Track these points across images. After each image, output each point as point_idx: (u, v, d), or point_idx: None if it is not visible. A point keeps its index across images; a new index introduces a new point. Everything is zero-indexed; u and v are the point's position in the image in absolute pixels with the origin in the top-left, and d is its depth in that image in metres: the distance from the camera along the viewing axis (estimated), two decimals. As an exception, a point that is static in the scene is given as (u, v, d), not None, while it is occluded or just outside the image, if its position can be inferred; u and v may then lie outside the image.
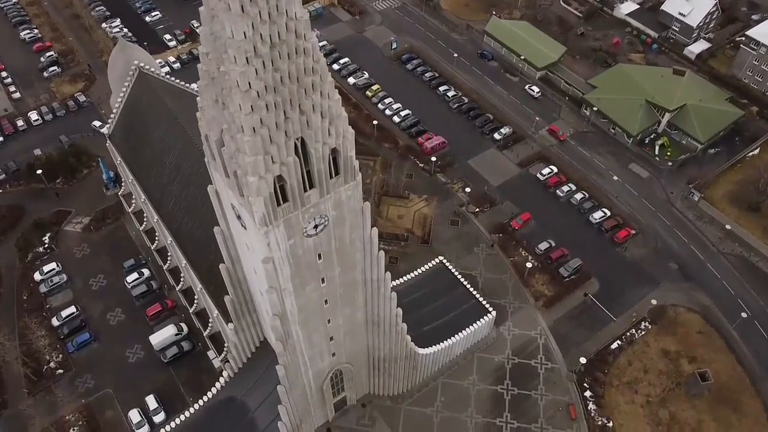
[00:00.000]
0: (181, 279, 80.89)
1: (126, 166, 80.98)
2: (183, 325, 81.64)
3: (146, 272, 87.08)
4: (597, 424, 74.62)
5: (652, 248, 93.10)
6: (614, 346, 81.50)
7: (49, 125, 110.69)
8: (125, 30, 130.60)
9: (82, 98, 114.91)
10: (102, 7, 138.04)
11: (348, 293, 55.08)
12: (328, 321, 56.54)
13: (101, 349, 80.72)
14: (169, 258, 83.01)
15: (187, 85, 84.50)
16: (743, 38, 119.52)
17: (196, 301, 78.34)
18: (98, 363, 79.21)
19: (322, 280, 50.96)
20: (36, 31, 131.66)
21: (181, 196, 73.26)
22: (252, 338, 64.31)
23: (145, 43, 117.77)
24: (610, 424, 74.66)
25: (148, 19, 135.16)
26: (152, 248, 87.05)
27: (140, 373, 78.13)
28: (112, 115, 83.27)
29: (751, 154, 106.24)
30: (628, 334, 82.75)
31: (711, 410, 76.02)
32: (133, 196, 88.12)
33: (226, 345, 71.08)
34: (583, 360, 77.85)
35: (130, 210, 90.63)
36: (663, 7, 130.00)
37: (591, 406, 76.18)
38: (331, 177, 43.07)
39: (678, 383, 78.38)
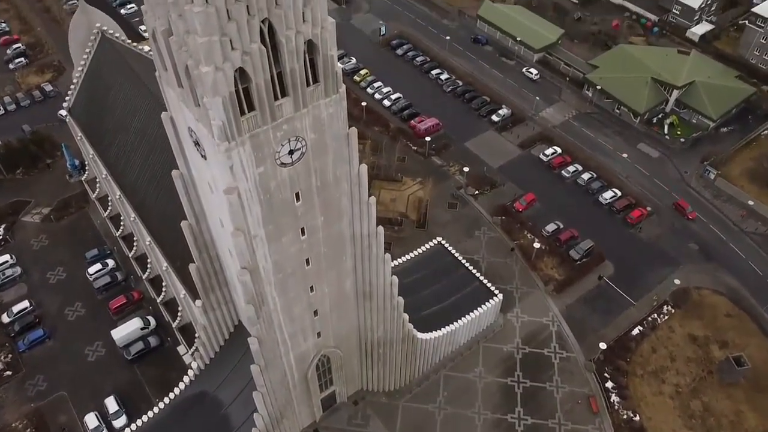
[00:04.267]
0: (148, 265, 71.95)
1: (87, 140, 72.66)
2: (150, 318, 72.40)
3: (110, 263, 77.98)
4: (622, 417, 65.61)
5: (668, 228, 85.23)
6: (635, 332, 73.00)
7: (12, 115, 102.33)
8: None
9: (48, 88, 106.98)
10: (74, 0, 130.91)
11: (334, 252, 46.47)
12: (311, 289, 47.77)
13: (56, 347, 71.13)
14: (135, 243, 74.15)
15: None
16: (749, 16, 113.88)
17: (164, 289, 69.31)
18: (52, 363, 69.57)
19: (302, 230, 42.41)
20: (4, 24, 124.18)
21: (145, 164, 64.87)
22: (224, 320, 55.26)
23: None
24: (637, 418, 65.66)
25: (123, 11, 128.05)
26: (117, 236, 78.31)
27: (100, 372, 68.61)
28: (72, 86, 75.19)
29: (766, 132, 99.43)
30: (649, 318, 74.33)
31: (749, 399, 67.24)
32: (97, 179, 79.69)
33: (197, 335, 61.81)
34: (603, 345, 69.04)
35: (94, 196, 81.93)
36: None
37: (614, 398, 67.21)
38: (308, 85, 34.95)
39: (710, 371, 69.76)
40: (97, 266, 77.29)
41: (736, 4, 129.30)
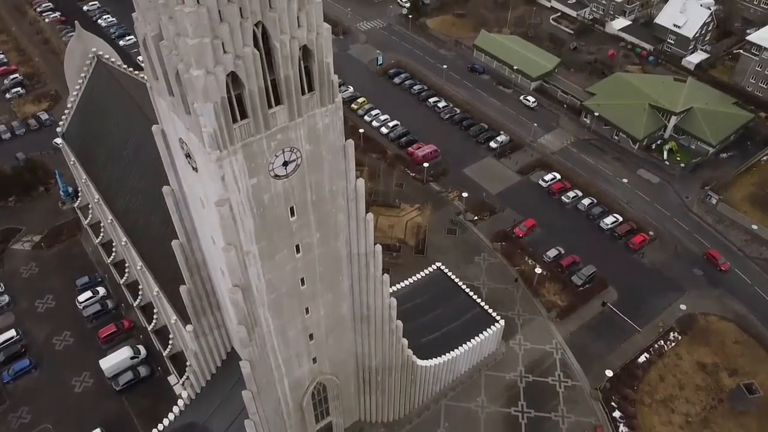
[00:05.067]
0: (140, 292, 69.90)
1: (80, 164, 71.52)
2: (140, 347, 70.01)
3: (101, 291, 75.91)
4: (631, 448, 62.92)
5: (672, 254, 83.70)
6: (642, 359, 70.70)
7: (7, 143, 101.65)
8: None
9: (44, 116, 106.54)
10: (74, 33, 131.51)
11: (330, 272, 44.75)
12: (306, 310, 45.86)
13: (42, 377, 68.54)
14: (126, 270, 72.31)
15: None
16: (744, 44, 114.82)
17: (155, 317, 67.21)
18: (38, 394, 66.87)
19: (297, 248, 40.79)
20: (2, 56, 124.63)
21: (137, 188, 63.55)
22: (216, 346, 53.09)
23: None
24: (647, 449, 62.97)
25: (122, 43, 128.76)
26: (109, 262, 76.44)
27: (87, 404, 65.91)
28: (66, 111, 74.49)
29: (766, 157, 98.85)
30: (656, 345, 72.15)
31: (763, 428, 64.65)
32: (89, 205, 78.35)
33: (188, 363, 59.46)
34: (609, 373, 66.70)
35: (86, 222, 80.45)
36: (657, 21, 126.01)
37: (622, 428, 64.60)
38: (303, 93, 33.89)
39: (720, 399, 67.27)
40: (87, 294, 75.20)
41: (729, 34, 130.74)
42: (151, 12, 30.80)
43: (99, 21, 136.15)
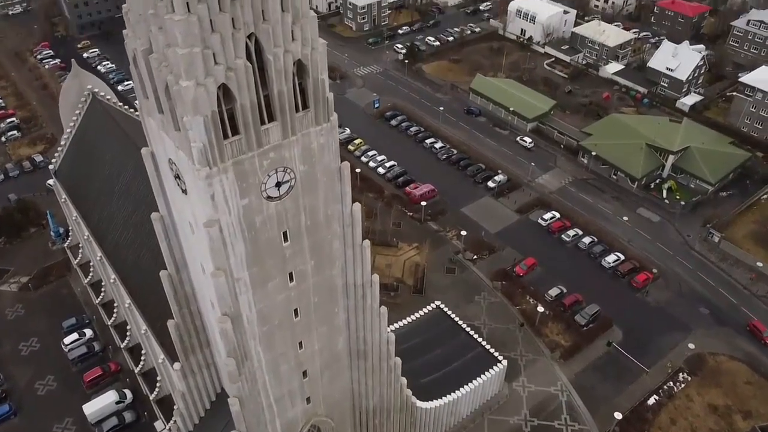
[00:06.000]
0: (128, 333, 67.35)
1: (71, 201, 70.14)
2: (127, 391, 66.94)
3: (88, 332, 73.30)
4: (645, 497, 59.32)
5: (676, 292, 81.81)
6: (651, 401, 67.77)
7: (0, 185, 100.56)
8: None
9: (39, 158, 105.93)
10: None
11: (325, 303, 42.71)
12: (300, 345, 43.56)
13: (23, 424, 65.22)
14: (115, 310, 69.92)
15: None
16: (737, 86, 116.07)
17: (143, 358, 64.47)
18: (16, 442, 63.43)
19: (290, 276, 38.93)
20: (0, 100, 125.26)
21: (128, 224, 61.91)
22: (205, 386, 50.44)
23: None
24: (661, 498, 59.38)
25: (120, 88, 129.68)
26: (97, 303, 74.14)
27: (68, 452, 62.42)
28: (59, 149, 73.67)
29: (766, 196, 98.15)
30: (665, 387, 69.37)
31: (783, 474, 61.27)
32: (80, 245, 76.56)
33: (175, 405, 56.49)
34: (618, 416, 63.62)
35: (76, 262, 78.42)
36: (649, 65, 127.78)
37: (634, 474, 61.14)
38: (297, 110, 32.84)
39: (735, 443, 64.11)
40: (74, 336, 72.51)
41: (721, 78, 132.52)
42: (141, 25, 30.02)
43: (98, 67, 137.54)
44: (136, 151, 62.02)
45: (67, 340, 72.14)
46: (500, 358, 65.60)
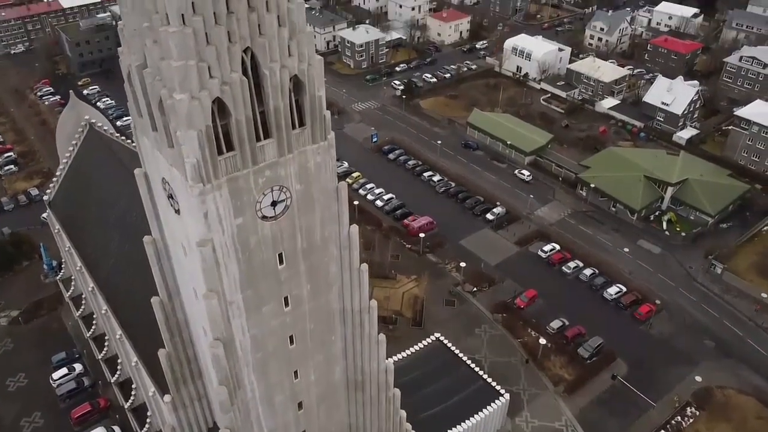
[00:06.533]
0: (118, 367, 65.38)
1: (64, 232, 69.12)
2: (116, 428, 64.66)
3: (78, 367, 71.33)
4: None
5: (680, 325, 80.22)
6: (659, 437, 65.49)
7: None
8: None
9: (34, 192, 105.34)
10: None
11: (321, 330, 41.32)
12: (296, 374, 41.98)
13: (6, 464, 62.63)
14: (106, 343, 68.08)
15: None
16: (732, 119, 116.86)
17: (133, 393, 62.35)
18: (-1, 482, 60.79)
19: (286, 300, 37.71)
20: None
21: (121, 254, 60.81)
22: (197, 420, 48.46)
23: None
24: None
25: (119, 123, 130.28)
26: (88, 336, 72.23)
27: (52, 493, 59.71)
28: (54, 179, 73.06)
29: (767, 227, 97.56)
30: (673, 422, 67.16)
31: None
32: (72, 277, 75.18)
33: (165, 442, 54.31)
34: (625, 451, 61.44)
35: (68, 295, 76.89)
36: (645, 99, 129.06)
37: None
38: (294, 128, 32.27)
39: (748, 481, 61.62)
40: (63, 371, 70.50)
41: (716, 112, 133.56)
42: (136, 40, 29.67)
43: (98, 103, 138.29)
44: (132, 180, 61.80)
45: (56, 375, 70.10)
46: (502, 391, 63.74)
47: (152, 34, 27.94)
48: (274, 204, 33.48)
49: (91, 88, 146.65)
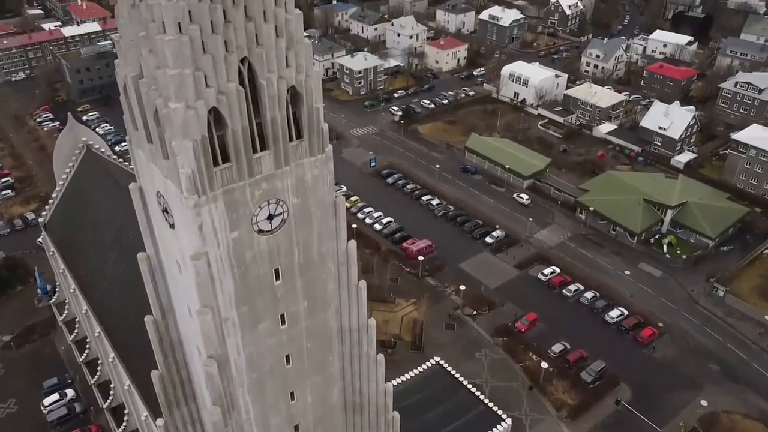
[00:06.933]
0: (111, 391, 63.87)
1: (59, 253, 68.34)
2: (107, 455, 62.80)
3: (70, 393, 69.92)
4: None
5: (683, 348, 79.09)
6: (666, 463, 63.83)
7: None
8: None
9: (31, 216, 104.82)
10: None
11: (318, 349, 40.29)
12: (292, 396, 40.82)
13: (-8, 493, 60.71)
14: (99, 367, 66.68)
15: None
16: (730, 144, 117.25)
17: (126, 419, 60.77)
18: None
19: (282, 318, 36.83)
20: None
21: (115, 276, 59.95)
22: (190, 445, 46.97)
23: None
24: None
25: (117, 148, 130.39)
26: (81, 361, 70.78)
27: None
28: (50, 202, 72.57)
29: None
30: (680, 447, 65.52)
31: None
32: (66, 300, 74.13)
33: (158, 470, 52.66)
34: (631, 478, 59.74)
35: (61, 319, 75.69)
36: (642, 124, 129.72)
37: None
38: (291, 140, 31.88)
39: None
40: (54, 397, 69.05)
41: (713, 137, 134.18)
42: (133, 51, 29.45)
43: (97, 129, 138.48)
44: (128, 200, 61.28)
45: (47, 401, 68.59)
46: (504, 417, 62.18)
47: (148, 43, 27.72)
48: (270, 217, 32.87)
49: (90, 114, 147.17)
